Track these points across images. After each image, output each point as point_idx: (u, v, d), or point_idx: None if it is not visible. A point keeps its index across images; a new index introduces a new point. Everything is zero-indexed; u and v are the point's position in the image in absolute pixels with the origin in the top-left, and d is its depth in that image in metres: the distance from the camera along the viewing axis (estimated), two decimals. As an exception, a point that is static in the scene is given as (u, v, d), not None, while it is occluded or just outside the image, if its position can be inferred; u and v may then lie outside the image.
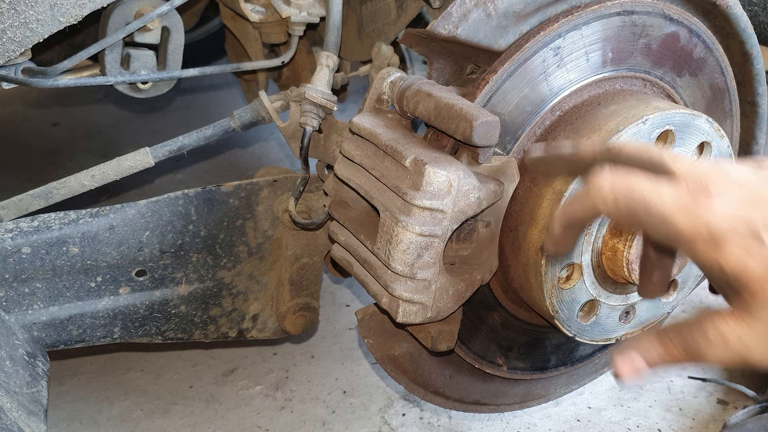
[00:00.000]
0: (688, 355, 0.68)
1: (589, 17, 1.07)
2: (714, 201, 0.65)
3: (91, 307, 1.23)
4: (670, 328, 0.70)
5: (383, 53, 1.37)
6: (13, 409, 1.00)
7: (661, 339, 0.69)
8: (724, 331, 0.65)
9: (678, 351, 0.69)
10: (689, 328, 0.68)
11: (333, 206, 1.15)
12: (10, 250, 1.14)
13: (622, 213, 0.71)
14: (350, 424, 1.61)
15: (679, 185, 0.68)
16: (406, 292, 1.00)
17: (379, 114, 1.12)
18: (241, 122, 1.32)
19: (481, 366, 1.26)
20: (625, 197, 0.70)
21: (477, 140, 0.96)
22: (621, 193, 0.71)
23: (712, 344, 0.66)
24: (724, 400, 1.69)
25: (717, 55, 1.22)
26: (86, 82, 1.32)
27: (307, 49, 1.71)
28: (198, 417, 1.63)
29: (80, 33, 1.63)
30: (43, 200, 1.24)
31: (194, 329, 1.34)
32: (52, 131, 3.03)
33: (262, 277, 1.36)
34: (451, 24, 1.03)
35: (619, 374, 0.71)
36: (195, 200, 1.25)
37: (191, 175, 2.67)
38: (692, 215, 0.65)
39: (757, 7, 1.52)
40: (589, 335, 1.15)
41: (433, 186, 0.95)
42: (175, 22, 1.38)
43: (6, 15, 1.09)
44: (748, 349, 0.65)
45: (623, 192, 0.70)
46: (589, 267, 1.08)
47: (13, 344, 1.13)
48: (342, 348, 1.85)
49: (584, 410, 1.66)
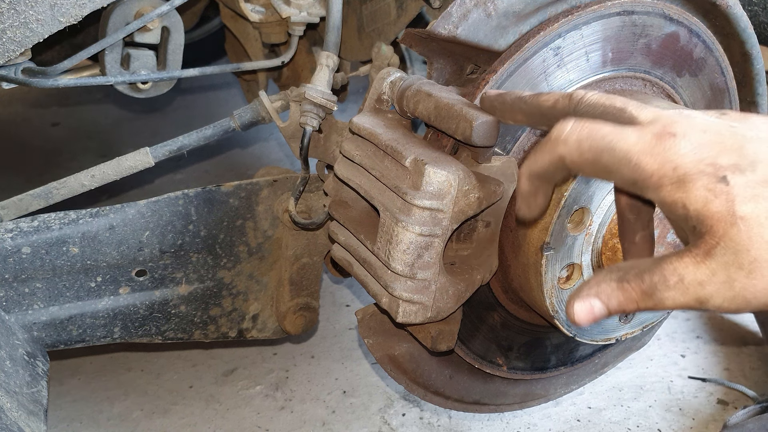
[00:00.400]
0: (645, 298, 0.67)
1: (589, 17, 1.07)
2: (680, 142, 0.65)
3: (91, 307, 1.23)
4: (629, 268, 0.68)
5: (383, 53, 1.37)
6: (13, 409, 1.00)
7: (620, 282, 0.68)
8: (682, 273, 0.64)
9: (636, 294, 0.67)
10: (649, 269, 0.67)
11: (333, 206, 1.15)
12: (10, 250, 1.14)
13: (586, 158, 0.70)
14: (350, 424, 1.61)
15: (643, 129, 0.67)
16: (406, 292, 1.00)
17: (379, 114, 1.12)
18: (241, 122, 1.32)
19: (481, 366, 1.26)
20: (588, 140, 0.70)
21: (477, 140, 0.96)
22: (584, 136, 0.70)
23: (670, 286, 0.65)
24: (724, 400, 1.69)
25: (717, 55, 1.22)
26: (86, 82, 1.32)
27: (307, 49, 1.71)
28: (198, 417, 1.63)
29: (80, 33, 1.63)
30: (43, 200, 1.24)
31: (194, 329, 1.34)
32: (52, 131, 3.03)
33: (262, 277, 1.36)
34: (451, 24, 1.03)
35: (575, 319, 0.70)
36: (195, 200, 1.25)
37: (191, 175, 2.67)
38: (658, 156, 0.65)
39: (757, 7, 1.52)
40: (589, 335, 1.15)
41: (433, 186, 0.95)
42: (175, 22, 1.38)
43: (6, 15, 1.09)
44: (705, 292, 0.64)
45: (586, 135, 0.70)
46: (589, 267, 1.08)
47: (13, 344, 1.13)
48: (342, 348, 1.85)
49: (584, 410, 1.66)
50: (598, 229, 1.06)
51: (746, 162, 0.63)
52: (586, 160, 0.70)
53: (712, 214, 0.62)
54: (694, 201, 0.63)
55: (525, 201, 0.80)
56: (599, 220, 1.05)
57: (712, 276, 0.63)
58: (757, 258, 0.61)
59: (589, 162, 0.70)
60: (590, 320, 0.70)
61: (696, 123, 0.66)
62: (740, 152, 0.64)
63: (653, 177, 0.65)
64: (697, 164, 0.64)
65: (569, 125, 0.72)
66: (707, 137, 0.65)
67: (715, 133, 0.65)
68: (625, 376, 1.76)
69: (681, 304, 0.66)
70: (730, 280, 0.62)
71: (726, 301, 0.63)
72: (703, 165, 0.63)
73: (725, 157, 0.64)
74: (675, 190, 0.64)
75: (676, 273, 0.65)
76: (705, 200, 0.63)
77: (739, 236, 0.61)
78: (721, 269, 0.63)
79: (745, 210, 0.61)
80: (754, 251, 0.61)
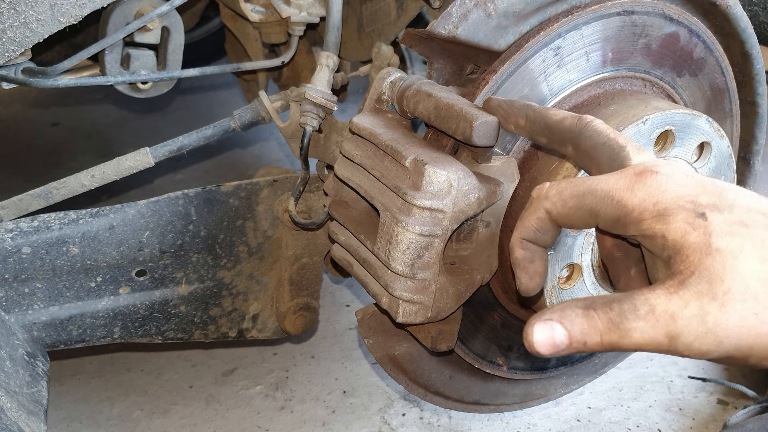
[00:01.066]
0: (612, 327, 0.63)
1: (589, 17, 1.07)
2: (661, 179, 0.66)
3: (91, 307, 1.23)
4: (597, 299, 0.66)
5: (383, 53, 1.37)
6: (13, 409, 1.00)
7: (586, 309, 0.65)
8: (654, 303, 0.62)
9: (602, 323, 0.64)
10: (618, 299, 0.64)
11: (333, 206, 1.15)
12: (10, 250, 1.14)
13: (570, 205, 0.71)
14: (350, 424, 1.61)
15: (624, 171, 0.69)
16: (406, 292, 1.00)
17: (379, 114, 1.12)
18: (241, 122, 1.32)
19: (481, 366, 1.26)
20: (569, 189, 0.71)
21: (477, 140, 0.96)
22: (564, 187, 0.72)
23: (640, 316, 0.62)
24: (724, 400, 1.69)
25: (717, 55, 1.22)
26: (86, 82, 1.32)
27: (307, 49, 1.71)
28: (198, 417, 1.63)
29: (80, 33, 1.63)
30: (43, 200, 1.24)
31: (194, 329, 1.34)
32: (52, 131, 3.03)
33: (262, 277, 1.36)
34: (451, 24, 1.03)
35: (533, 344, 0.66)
36: (195, 200, 1.25)
37: (191, 175, 2.67)
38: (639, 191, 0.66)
39: (757, 7, 1.52)
40: (589, 335, 1.15)
41: (433, 186, 0.95)
42: (175, 22, 1.38)
43: (6, 15, 1.09)
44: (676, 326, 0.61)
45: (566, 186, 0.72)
46: (589, 267, 1.08)
47: (13, 344, 1.13)
48: (342, 348, 1.85)
49: (584, 410, 1.66)
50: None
51: (725, 204, 0.64)
52: (571, 208, 0.71)
53: (690, 244, 0.63)
54: (673, 231, 0.64)
55: (523, 270, 0.79)
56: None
57: (684, 307, 0.61)
58: (731, 289, 0.60)
59: (573, 209, 0.71)
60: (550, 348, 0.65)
61: (679, 168, 0.68)
62: (719, 196, 0.65)
63: (634, 211, 0.66)
64: (677, 200, 0.65)
65: (546, 184, 0.74)
66: (689, 180, 0.67)
67: (696, 179, 0.67)
68: (625, 376, 1.76)
69: (649, 339, 0.62)
70: (702, 313, 0.60)
71: (697, 338, 0.61)
72: (683, 201, 0.65)
73: (705, 197, 0.65)
74: (655, 223, 0.65)
75: (648, 303, 0.62)
76: (683, 232, 0.63)
77: (714, 266, 0.61)
78: (694, 300, 0.61)
79: (721, 243, 0.62)
80: (728, 281, 0.60)
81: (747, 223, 0.63)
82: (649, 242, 0.67)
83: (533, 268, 0.79)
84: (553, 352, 0.66)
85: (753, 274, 0.60)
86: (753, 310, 0.60)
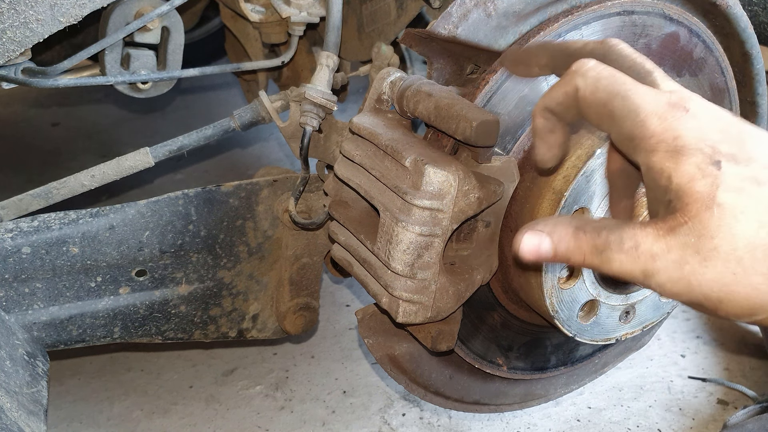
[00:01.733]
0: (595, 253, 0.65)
1: (589, 17, 1.07)
2: (690, 118, 0.65)
3: (91, 307, 1.23)
4: (590, 221, 0.68)
5: (383, 53, 1.37)
6: (13, 409, 1.00)
7: (576, 230, 0.67)
8: (639, 240, 0.63)
9: (587, 246, 0.66)
10: (608, 227, 0.66)
11: (333, 206, 1.15)
12: (10, 250, 1.14)
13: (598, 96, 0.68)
14: (350, 424, 1.61)
15: (661, 93, 0.67)
16: (406, 292, 1.00)
17: (379, 114, 1.12)
18: (241, 122, 1.32)
19: (481, 366, 1.26)
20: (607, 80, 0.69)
21: (477, 140, 0.96)
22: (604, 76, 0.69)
23: (623, 249, 0.64)
24: (724, 400, 1.69)
25: (717, 55, 1.22)
26: (86, 82, 1.32)
27: (307, 49, 1.71)
28: (198, 417, 1.63)
29: (80, 33, 1.63)
30: (43, 200, 1.24)
31: (194, 329, 1.34)
32: (52, 131, 3.03)
33: (262, 277, 1.36)
34: (451, 24, 1.03)
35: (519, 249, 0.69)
36: (195, 200, 1.25)
37: (191, 175, 2.67)
38: (665, 121, 0.65)
39: (757, 7, 1.52)
40: (589, 335, 1.15)
41: (433, 186, 0.95)
42: (175, 22, 1.38)
43: (6, 15, 1.09)
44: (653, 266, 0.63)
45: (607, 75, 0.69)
46: (589, 267, 1.08)
47: (13, 344, 1.13)
48: (342, 348, 1.85)
49: (584, 410, 1.66)
50: (598, 229, 1.06)
51: (743, 156, 0.63)
52: (598, 99, 0.69)
53: (693, 192, 0.62)
54: (680, 174, 0.63)
55: (542, 139, 0.77)
56: None
57: (666, 252, 0.62)
58: (717, 248, 0.61)
59: (599, 102, 0.69)
60: (534, 255, 0.68)
61: (710, 108, 0.66)
62: (741, 146, 0.64)
63: (652, 138, 0.65)
64: (698, 142, 0.63)
65: (593, 62, 0.71)
66: (716, 124, 0.65)
67: (725, 123, 0.65)
68: (625, 376, 1.76)
69: (626, 271, 0.64)
70: (681, 261, 0.62)
71: (669, 281, 0.63)
72: (703, 144, 0.63)
73: (726, 145, 0.63)
74: (666, 158, 0.64)
75: (634, 239, 0.64)
76: (691, 177, 0.62)
77: (710, 221, 0.61)
78: (677, 248, 0.62)
79: (726, 198, 0.61)
80: (717, 240, 0.61)
81: (760, 180, 0.62)
82: (652, 177, 0.66)
83: (553, 138, 0.77)
84: (536, 259, 0.69)
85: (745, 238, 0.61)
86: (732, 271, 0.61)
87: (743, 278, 0.61)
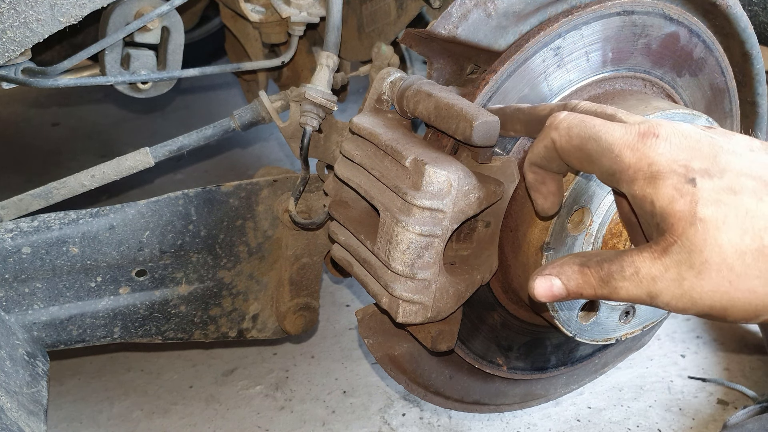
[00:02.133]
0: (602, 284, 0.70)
1: (589, 17, 1.07)
2: (660, 142, 0.68)
3: (91, 307, 1.23)
4: (593, 256, 0.72)
5: (383, 53, 1.37)
6: (13, 409, 1.00)
7: (581, 267, 0.72)
8: (639, 266, 0.67)
9: (594, 280, 0.71)
10: (610, 258, 0.70)
11: (333, 206, 1.15)
12: (10, 250, 1.14)
13: (573, 144, 0.73)
14: (350, 424, 1.61)
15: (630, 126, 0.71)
16: (406, 292, 1.00)
17: (379, 114, 1.12)
18: (241, 122, 1.32)
19: (481, 366, 1.26)
20: (578, 128, 0.73)
21: (477, 140, 0.96)
22: (575, 124, 0.74)
23: (626, 277, 0.68)
24: (724, 400, 1.69)
25: (717, 55, 1.22)
26: (86, 82, 1.32)
27: (307, 49, 1.71)
28: (198, 417, 1.63)
29: (80, 33, 1.63)
30: (43, 200, 1.24)
31: (194, 329, 1.34)
32: (52, 131, 3.03)
33: (262, 277, 1.36)
34: (451, 24, 1.03)
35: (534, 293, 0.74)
36: (195, 200, 1.25)
37: (191, 175, 2.67)
38: (638, 151, 0.68)
39: (757, 7, 1.52)
40: (589, 335, 1.15)
41: (433, 186, 0.95)
42: (175, 22, 1.38)
43: (6, 15, 1.09)
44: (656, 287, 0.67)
45: (577, 123, 0.74)
46: (589, 267, 1.08)
47: (13, 344, 1.13)
48: (342, 348, 1.85)
49: (584, 410, 1.66)
50: (598, 229, 1.06)
51: (716, 169, 0.66)
52: (574, 146, 0.74)
53: (675, 212, 0.65)
54: (661, 197, 0.66)
55: (536, 191, 0.84)
56: (599, 220, 1.05)
57: (664, 272, 0.66)
58: (708, 260, 0.64)
59: (575, 148, 0.74)
60: (548, 297, 0.73)
61: (679, 129, 0.70)
62: (713, 160, 0.67)
63: (629, 170, 0.69)
64: (671, 164, 0.67)
65: (563, 113, 0.76)
66: (686, 142, 0.68)
67: (694, 141, 0.69)
68: (625, 376, 1.76)
69: (633, 296, 0.69)
70: (679, 278, 0.65)
71: (674, 298, 0.66)
72: (676, 165, 0.67)
73: (698, 162, 0.67)
74: (646, 185, 0.67)
75: (634, 265, 0.68)
76: (671, 198, 0.66)
77: (696, 237, 0.64)
78: (673, 266, 0.65)
79: (706, 212, 0.64)
80: (707, 253, 0.64)
81: (735, 189, 0.65)
82: (638, 204, 0.69)
83: (546, 188, 0.83)
84: (552, 300, 0.74)
85: (732, 246, 0.64)
86: (727, 279, 0.64)
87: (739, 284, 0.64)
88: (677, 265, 0.65)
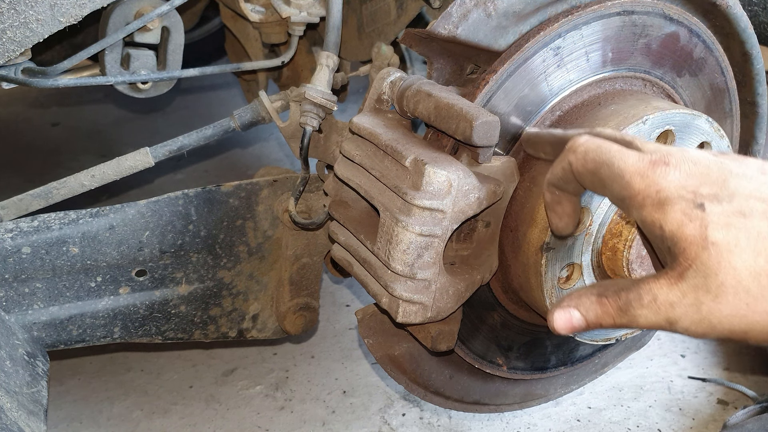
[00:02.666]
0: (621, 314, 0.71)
1: (589, 17, 1.07)
2: (670, 170, 0.69)
3: (91, 307, 1.23)
4: (610, 285, 0.73)
5: (383, 53, 1.37)
6: (13, 409, 1.00)
7: (599, 297, 0.73)
8: (656, 293, 0.68)
9: (613, 309, 0.71)
10: (627, 287, 0.71)
11: (333, 206, 1.15)
12: (10, 250, 1.14)
13: (588, 168, 0.75)
14: (350, 424, 1.61)
15: (644, 155, 0.72)
16: (406, 292, 1.00)
17: (379, 114, 1.12)
18: (241, 122, 1.32)
19: (481, 366, 1.26)
20: (594, 152, 0.75)
21: (477, 140, 0.96)
22: (591, 149, 0.76)
23: (644, 305, 0.69)
24: (724, 400, 1.69)
25: (717, 55, 1.22)
26: (86, 82, 1.32)
27: (307, 49, 1.71)
28: (198, 417, 1.63)
29: (80, 33, 1.63)
30: (43, 200, 1.24)
31: (194, 329, 1.34)
32: (52, 131, 3.03)
33: (262, 277, 1.36)
34: (451, 24, 1.03)
35: (554, 327, 0.75)
36: (195, 200, 1.25)
37: (191, 175, 2.67)
38: (647, 178, 0.70)
39: (757, 7, 1.52)
40: (589, 335, 1.15)
41: (433, 186, 0.95)
42: (175, 22, 1.38)
43: (6, 15, 1.09)
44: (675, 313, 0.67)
45: (594, 148, 0.75)
46: (589, 267, 1.08)
47: (13, 344, 1.13)
48: (342, 348, 1.85)
49: (584, 410, 1.66)
50: (598, 229, 1.06)
51: (725, 193, 0.67)
52: (588, 170, 0.75)
53: (686, 236, 0.66)
54: (670, 222, 0.67)
55: (552, 211, 0.86)
56: (599, 220, 1.05)
57: (682, 298, 0.66)
58: (724, 283, 0.64)
59: (589, 172, 0.75)
60: (569, 330, 0.74)
61: (689, 156, 0.71)
62: (722, 185, 0.68)
63: (638, 196, 0.70)
64: (679, 190, 0.68)
65: (584, 137, 0.78)
66: (695, 169, 0.69)
67: (704, 166, 0.69)
68: (625, 376, 1.76)
69: (653, 323, 0.69)
70: (697, 303, 0.66)
71: (693, 324, 0.66)
72: (684, 191, 0.67)
73: (707, 187, 0.67)
74: (654, 211, 0.68)
75: (651, 293, 0.68)
76: (680, 223, 0.66)
77: (710, 261, 0.65)
78: (690, 291, 0.66)
79: (717, 236, 0.65)
80: (722, 276, 0.64)
81: (745, 213, 0.65)
82: (648, 230, 0.70)
83: (561, 209, 0.85)
84: (573, 332, 0.75)
85: (746, 269, 0.64)
86: (744, 301, 0.64)
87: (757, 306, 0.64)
88: (694, 290, 0.65)
